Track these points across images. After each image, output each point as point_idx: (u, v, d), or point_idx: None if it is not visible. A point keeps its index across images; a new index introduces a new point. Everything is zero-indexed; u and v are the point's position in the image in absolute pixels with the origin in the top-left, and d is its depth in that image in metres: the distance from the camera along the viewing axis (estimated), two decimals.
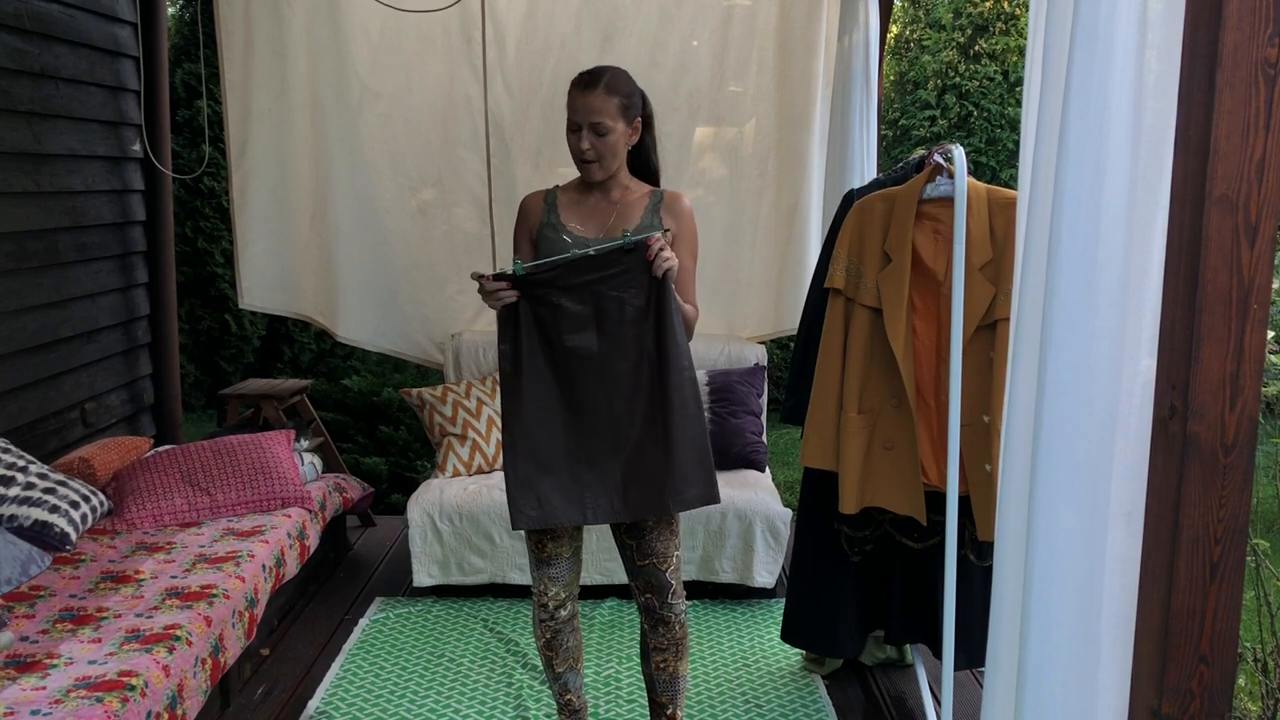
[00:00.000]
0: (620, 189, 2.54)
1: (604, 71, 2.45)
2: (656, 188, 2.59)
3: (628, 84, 2.46)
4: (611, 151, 2.45)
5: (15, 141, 3.67)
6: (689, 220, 2.54)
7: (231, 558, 3.12)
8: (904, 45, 8.80)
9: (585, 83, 2.43)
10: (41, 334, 3.84)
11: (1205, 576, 1.37)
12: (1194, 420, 1.34)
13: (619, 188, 2.54)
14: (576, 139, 2.44)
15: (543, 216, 2.54)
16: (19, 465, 3.23)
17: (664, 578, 2.54)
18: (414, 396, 4.27)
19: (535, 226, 2.55)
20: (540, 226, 2.54)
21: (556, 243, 2.49)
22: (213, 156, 6.58)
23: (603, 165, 2.46)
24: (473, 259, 4.54)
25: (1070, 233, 1.42)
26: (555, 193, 2.58)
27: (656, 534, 2.52)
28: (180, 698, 2.50)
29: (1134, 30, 1.38)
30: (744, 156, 4.55)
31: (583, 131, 2.42)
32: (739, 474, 4.08)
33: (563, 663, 2.64)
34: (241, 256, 4.56)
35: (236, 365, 7.47)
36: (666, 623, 2.58)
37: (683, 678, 2.66)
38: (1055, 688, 1.48)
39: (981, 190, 2.77)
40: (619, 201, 2.53)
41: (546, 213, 2.54)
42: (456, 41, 4.38)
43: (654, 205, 2.53)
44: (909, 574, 3.07)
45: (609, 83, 2.42)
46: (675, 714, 2.69)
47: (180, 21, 7.35)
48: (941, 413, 2.79)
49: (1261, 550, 2.65)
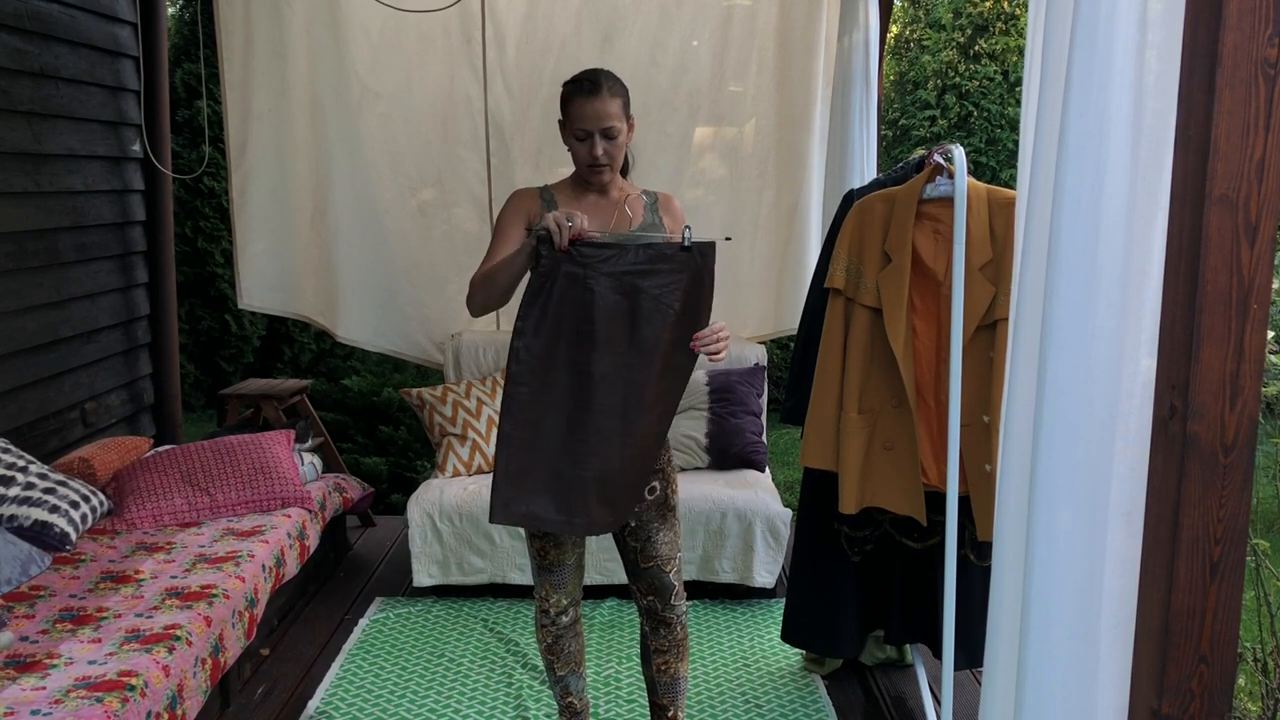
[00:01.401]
0: (617, 188, 2.53)
1: (599, 75, 2.41)
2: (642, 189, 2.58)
3: (619, 82, 2.45)
4: (620, 152, 2.44)
5: (15, 141, 3.67)
6: (683, 218, 2.58)
7: (231, 558, 3.12)
8: (904, 45, 8.80)
9: (588, 90, 2.38)
10: (41, 334, 3.84)
11: (1205, 576, 1.37)
12: (1194, 420, 1.34)
13: (615, 186, 2.53)
14: (588, 147, 2.40)
15: (543, 212, 2.49)
16: (19, 465, 3.23)
17: (667, 579, 2.54)
18: (414, 396, 4.27)
19: (536, 219, 2.50)
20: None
21: None
22: (213, 156, 6.58)
23: (613, 169, 2.45)
24: (473, 259, 4.53)
25: (1070, 233, 1.42)
26: (549, 192, 2.54)
27: (661, 536, 2.52)
28: (180, 698, 2.50)
29: (1134, 30, 1.38)
30: (744, 156, 4.55)
31: (594, 138, 2.38)
32: (739, 474, 4.08)
33: (564, 666, 2.64)
34: (241, 256, 4.56)
35: (236, 365, 7.47)
36: (668, 624, 2.58)
37: (683, 679, 2.66)
38: (1055, 687, 1.48)
39: (981, 190, 2.77)
40: (618, 201, 2.52)
41: (546, 209, 2.50)
42: (456, 41, 4.38)
43: (651, 204, 2.54)
44: (909, 574, 3.07)
45: (610, 86, 2.40)
46: (676, 715, 2.69)
47: (180, 21, 7.35)
48: (941, 413, 2.79)
49: (1261, 550, 2.65)
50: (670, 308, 2.24)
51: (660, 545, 2.51)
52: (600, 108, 2.36)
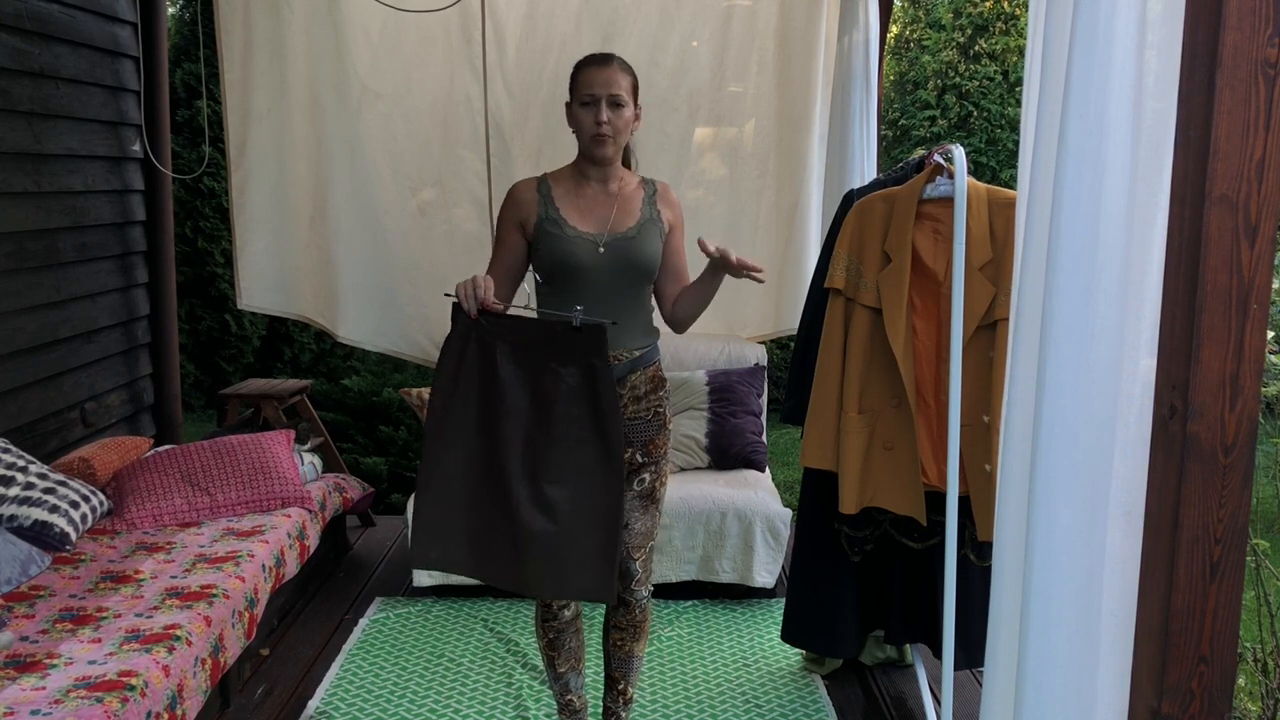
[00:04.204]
0: (617, 180, 2.53)
1: (611, 54, 2.48)
2: (642, 177, 2.60)
3: (632, 68, 2.51)
4: (625, 128, 2.46)
5: (15, 141, 3.67)
6: (680, 209, 2.63)
7: (231, 558, 3.12)
8: (904, 45, 8.80)
9: (599, 60, 2.45)
10: (41, 334, 3.84)
11: (1205, 576, 1.37)
12: (1194, 420, 1.34)
13: (615, 178, 2.53)
14: (593, 113, 2.42)
15: (540, 211, 2.49)
16: (19, 465, 3.23)
17: (633, 566, 2.60)
18: (414, 396, 4.27)
19: (531, 221, 2.49)
20: (539, 222, 2.48)
21: (563, 241, 2.44)
22: (213, 156, 6.58)
23: (616, 141, 2.46)
24: (473, 259, 4.54)
25: (1070, 233, 1.42)
26: (547, 183, 2.53)
27: (637, 525, 2.58)
28: (180, 698, 2.50)
29: (1134, 30, 1.38)
30: (744, 156, 4.55)
31: (601, 104, 2.41)
32: (739, 474, 4.08)
33: (564, 663, 2.65)
34: (241, 257, 4.56)
35: (236, 365, 7.47)
36: (628, 605, 2.65)
37: (637, 658, 2.73)
38: (1055, 687, 1.47)
39: (981, 190, 2.77)
40: (617, 194, 2.52)
41: (543, 206, 2.49)
42: (456, 41, 4.38)
43: (650, 196, 2.55)
44: (909, 574, 3.07)
45: (620, 63, 2.46)
46: (627, 690, 2.76)
47: (180, 21, 7.35)
48: (941, 413, 2.79)
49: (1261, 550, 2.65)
50: (564, 382, 2.30)
51: (634, 535, 2.59)
52: (609, 75, 2.42)
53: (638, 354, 2.52)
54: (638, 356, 2.52)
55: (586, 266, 2.44)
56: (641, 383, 2.54)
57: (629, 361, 2.50)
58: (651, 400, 2.57)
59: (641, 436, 2.57)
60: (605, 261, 2.45)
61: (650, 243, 2.50)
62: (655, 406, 2.58)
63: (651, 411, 2.57)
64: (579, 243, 2.45)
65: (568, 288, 2.46)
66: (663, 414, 2.59)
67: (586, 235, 2.46)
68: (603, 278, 2.45)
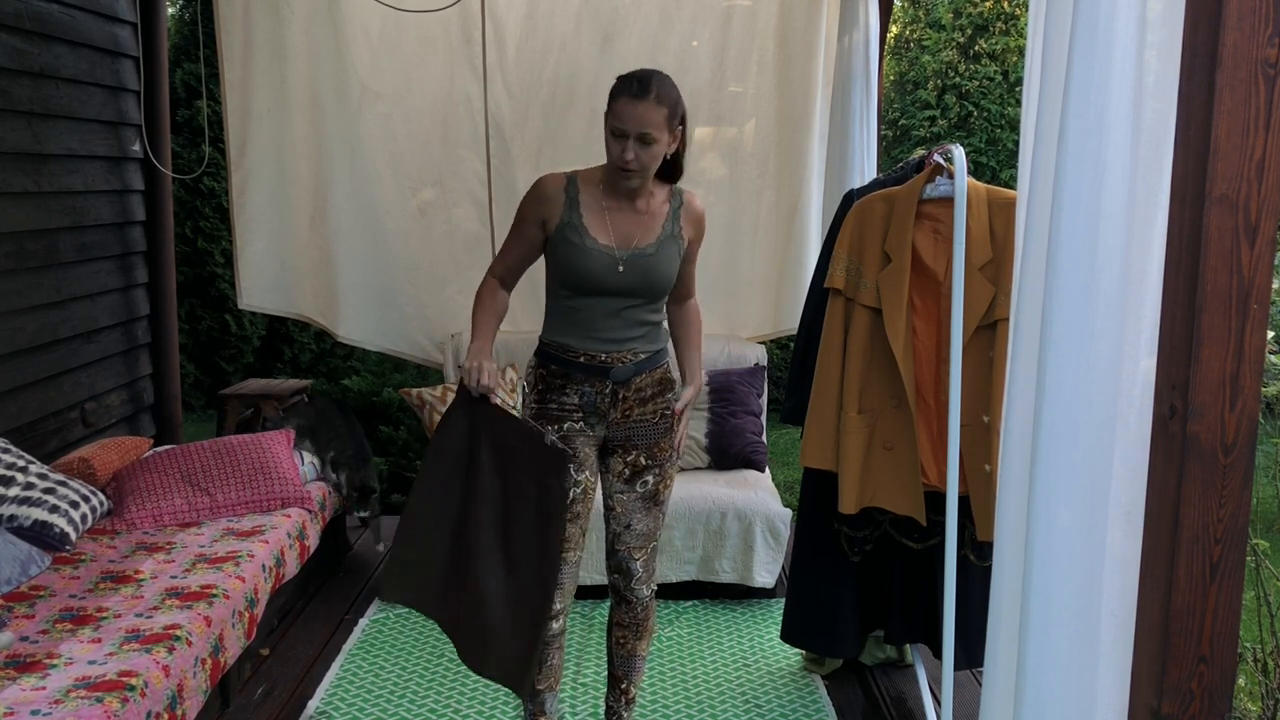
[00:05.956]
0: (645, 197, 2.48)
1: (652, 78, 2.34)
2: (675, 186, 2.55)
3: (674, 91, 2.38)
4: (654, 162, 2.38)
5: (15, 141, 3.67)
6: (703, 223, 2.60)
7: (231, 558, 3.12)
8: (904, 45, 8.80)
9: (636, 91, 2.31)
10: (41, 334, 3.84)
11: (1205, 576, 1.37)
12: (1194, 420, 1.34)
13: (644, 196, 2.47)
14: (621, 147, 2.34)
15: (564, 214, 2.44)
16: (19, 465, 3.23)
17: (634, 565, 2.62)
18: (414, 396, 4.27)
19: (554, 222, 2.45)
20: (561, 226, 2.44)
21: (582, 253, 2.41)
22: (213, 156, 6.57)
23: (643, 175, 2.40)
24: (473, 259, 4.54)
25: (1070, 233, 1.42)
26: (576, 185, 2.46)
27: (639, 526, 2.59)
28: (180, 698, 2.50)
29: (1134, 30, 1.38)
30: (744, 156, 4.55)
31: (629, 141, 2.33)
32: (739, 474, 4.08)
33: (544, 680, 2.64)
34: (241, 257, 4.56)
35: (236, 365, 7.47)
36: (629, 603, 2.66)
37: (640, 657, 2.72)
38: (1054, 687, 1.47)
39: (981, 190, 2.77)
40: (644, 212, 2.48)
41: (568, 210, 2.44)
42: (456, 41, 4.38)
43: (674, 211, 2.52)
44: (909, 574, 3.07)
45: (659, 93, 2.32)
46: (629, 689, 2.75)
47: (180, 21, 7.35)
48: (941, 413, 2.79)
49: (1261, 550, 2.65)
50: (524, 488, 2.37)
51: (635, 535, 2.60)
52: (642, 113, 2.31)
53: (644, 357, 2.52)
54: (644, 359, 2.52)
55: (602, 281, 2.43)
56: (648, 385, 2.54)
57: (635, 364, 2.50)
58: (659, 403, 2.57)
59: (646, 439, 2.56)
60: (622, 277, 2.44)
61: (668, 261, 2.49)
62: (663, 409, 2.58)
63: (658, 414, 2.57)
64: (598, 256, 2.42)
65: (581, 297, 2.46)
66: (669, 417, 2.59)
67: (605, 250, 2.43)
68: (617, 290, 2.45)
